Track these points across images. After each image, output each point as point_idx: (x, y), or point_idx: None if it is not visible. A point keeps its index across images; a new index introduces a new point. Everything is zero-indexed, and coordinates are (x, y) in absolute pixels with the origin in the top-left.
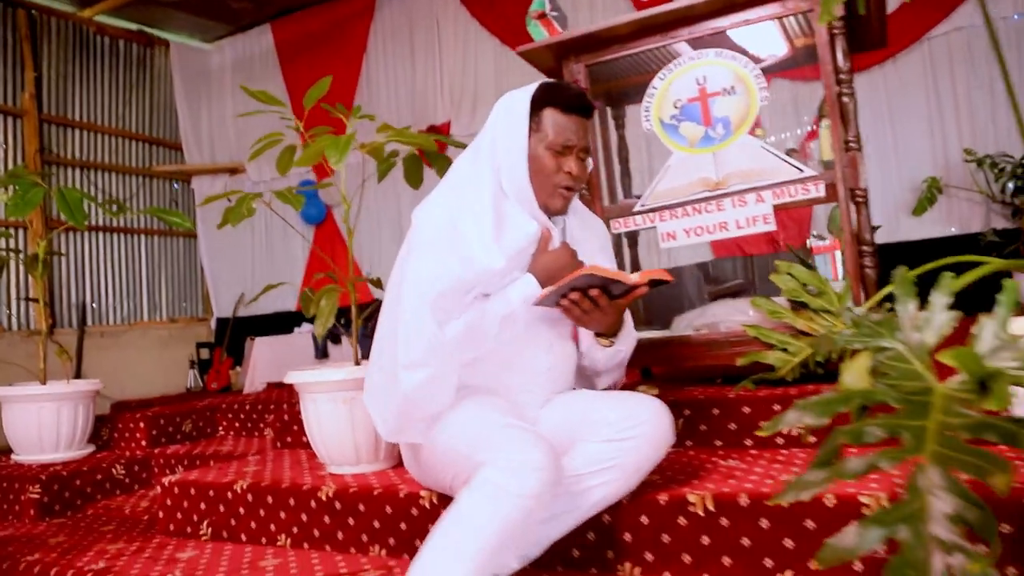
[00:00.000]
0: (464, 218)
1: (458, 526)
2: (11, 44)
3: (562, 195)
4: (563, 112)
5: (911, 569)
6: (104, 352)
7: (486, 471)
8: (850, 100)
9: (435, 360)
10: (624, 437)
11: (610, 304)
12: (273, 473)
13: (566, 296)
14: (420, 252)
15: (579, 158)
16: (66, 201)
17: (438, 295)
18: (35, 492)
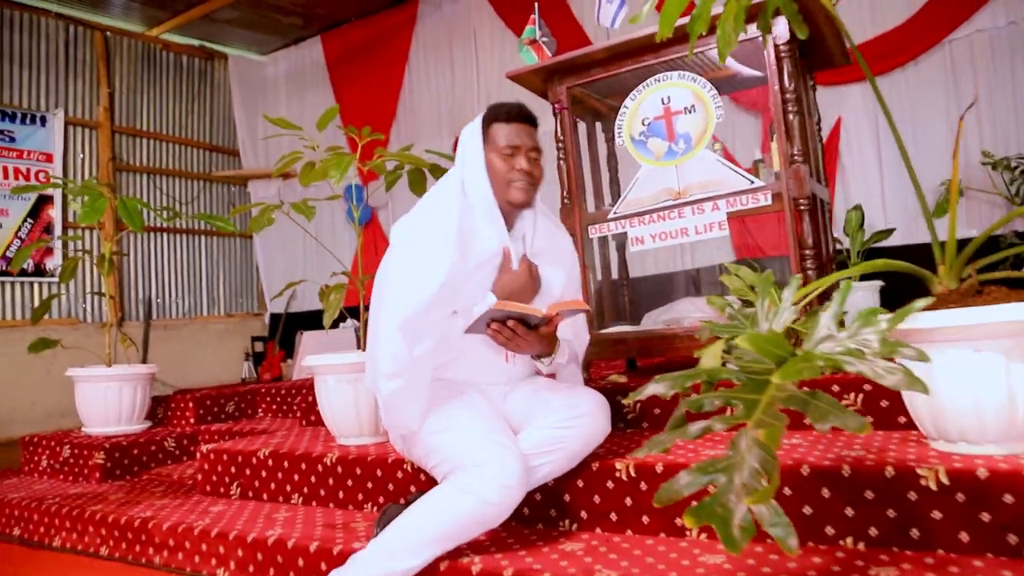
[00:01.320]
0: (430, 237)
1: (443, 512)
2: (89, 63)
3: (517, 187)
4: (506, 122)
5: (719, 506)
6: (167, 344)
7: (468, 476)
8: (795, 117)
9: (407, 374)
10: (568, 425)
11: (529, 332)
12: (291, 444)
13: (489, 325)
14: (394, 273)
15: (529, 157)
16: (127, 209)
17: (405, 320)
18: (100, 458)
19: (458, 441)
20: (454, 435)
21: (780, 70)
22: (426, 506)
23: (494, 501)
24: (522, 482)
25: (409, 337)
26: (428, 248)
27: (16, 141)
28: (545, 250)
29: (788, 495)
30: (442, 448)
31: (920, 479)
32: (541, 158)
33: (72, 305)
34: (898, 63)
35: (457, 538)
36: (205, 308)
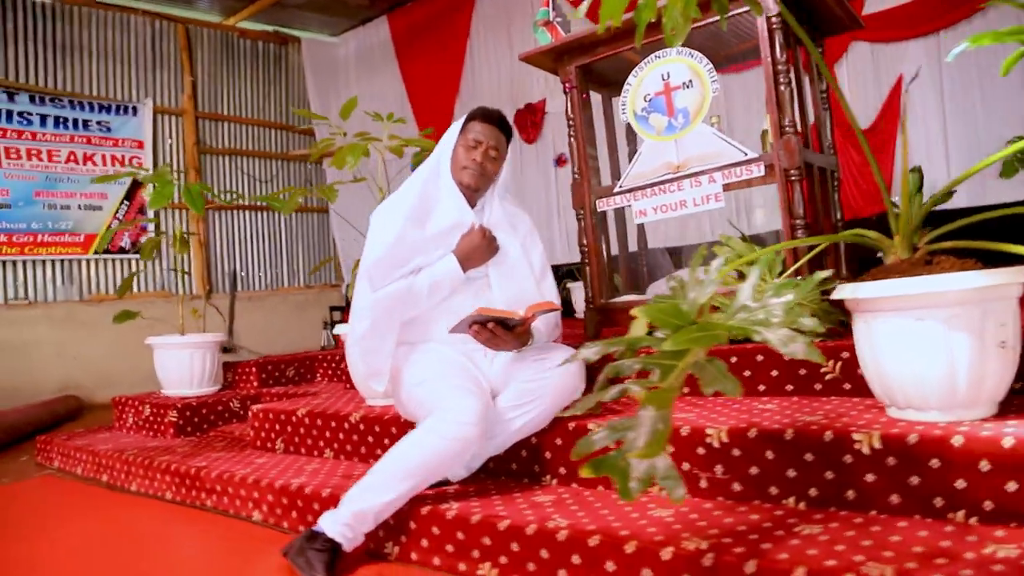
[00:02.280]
0: (390, 209)
1: (411, 450)
2: (173, 54)
3: (466, 172)
4: (480, 121)
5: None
6: (251, 314)
7: (433, 418)
8: (786, 89)
9: (372, 314)
10: (538, 378)
11: (508, 333)
12: (327, 405)
13: (471, 327)
14: (368, 239)
15: (487, 154)
16: (190, 194)
17: (370, 267)
18: (173, 416)
19: (430, 391)
20: (428, 386)
21: (771, 41)
22: (400, 447)
23: (452, 436)
24: (479, 422)
25: (372, 283)
26: (386, 218)
27: (112, 131)
28: (501, 222)
29: (737, 456)
30: (421, 400)
31: (855, 443)
32: (501, 161)
33: (165, 279)
34: (963, 15)
35: (426, 472)
36: (286, 280)
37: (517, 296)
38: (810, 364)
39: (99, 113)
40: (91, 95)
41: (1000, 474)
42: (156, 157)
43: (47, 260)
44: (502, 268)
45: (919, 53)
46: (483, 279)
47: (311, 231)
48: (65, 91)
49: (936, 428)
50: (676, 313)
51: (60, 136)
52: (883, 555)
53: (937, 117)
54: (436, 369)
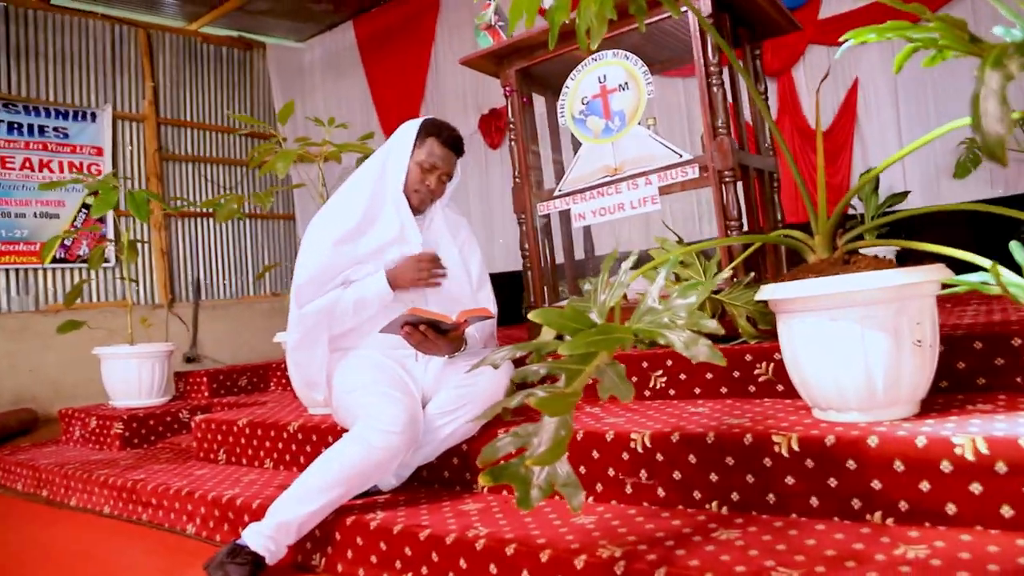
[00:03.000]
0: (336, 223)
1: (335, 459)
2: (134, 60)
3: (417, 196)
4: (440, 143)
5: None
6: (216, 323)
7: (360, 427)
8: (719, 90)
9: (300, 329)
10: (467, 383)
11: (440, 337)
12: (269, 414)
13: (402, 327)
14: (301, 250)
15: (440, 179)
16: (134, 200)
17: (301, 285)
18: (119, 428)
19: (359, 398)
20: (357, 394)
21: (703, 43)
22: (325, 457)
23: (378, 445)
24: (405, 431)
25: (299, 300)
26: (322, 233)
27: (70, 137)
28: (442, 230)
29: (660, 460)
30: (350, 407)
31: (774, 446)
32: (448, 183)
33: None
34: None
35: (351, 482)
36: (251, 288)
37: (452, 304)
38: (744, 366)
39: (56, 119)
40: (48, 100)
41: (914, 474)
42: (116, 164)
43: (0, 269)
44: (442, 287)
45: (873, 57)
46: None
47: (277, 238)
48: (20, 96)
49: (855, 429)
50: (577, 317)
51: (14, 142)
52: (795, 559)
53: (892, 120)
54: (367, 376)
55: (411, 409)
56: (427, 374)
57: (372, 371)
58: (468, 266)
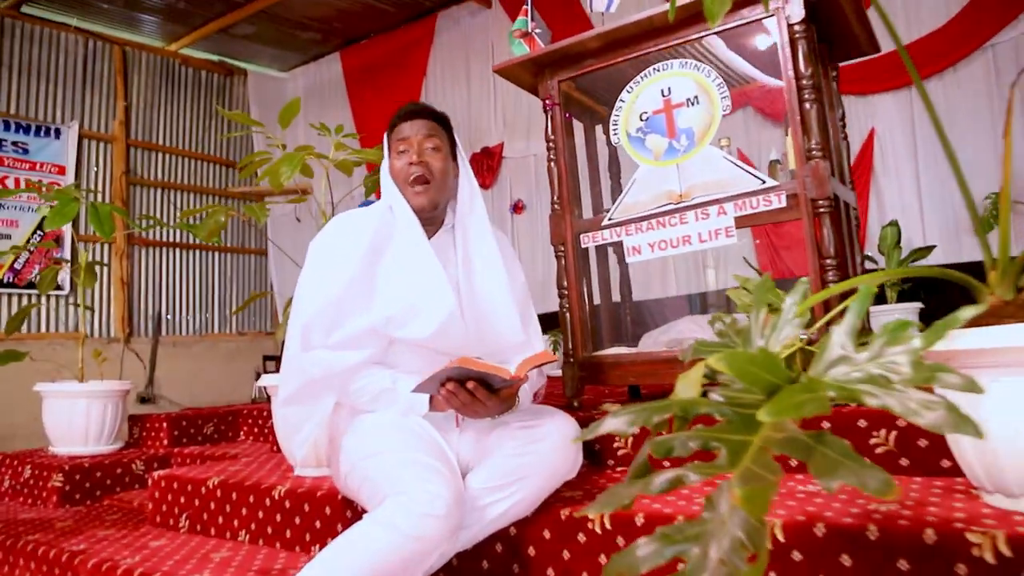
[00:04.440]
0: (351, 232)
1: (350, 551)
2: (107, 77)
3: (413, 190)
4: (400, 122)
5: None
6: (176, 361)
7: (389, 508)
8: (812, 107)
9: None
10: (523, 452)
11: (491, 397)
12: (246, 473)
13: (444, 385)
14: (305, 275)
15: (422, 148)
16: (97, 214)
17: (308, 320)
18: (58, 481)
19: (383, 467)
20: (378, 460)
21: (794, 52)
22: (344, 543)
23: (414, 534)
24: (452, 513)
25: (307, 341)
26: (334, 250)
27: (29, 153)
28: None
29: (798, 561)
30: (370, 477)
31: (972, 547)
32: (444, 153)
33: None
34: (935, 70)
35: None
36: (216, 326)
37: (498, 345)
38: (856, 433)
39: (15, 133)
40: (7, 112)
41: None
42: (80, 185)
43: None
44: (481, 308)
45: (890, 107)
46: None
47: (247, 274)
48: None
49: None
50: (771, 365)
51: None
52: None
53: (910, 173)
54: (391, 438)
55: (454, 485)
56: (464, 437)
57: (398, 431)
58: (516, 295)
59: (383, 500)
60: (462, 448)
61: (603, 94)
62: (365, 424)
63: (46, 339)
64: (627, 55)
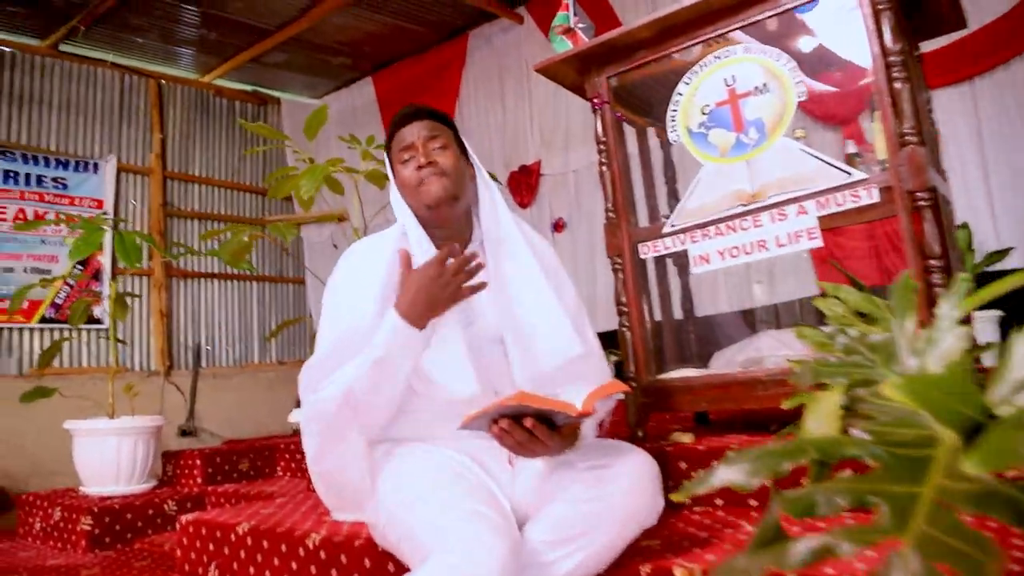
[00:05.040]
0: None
1: None
2: (143, 111)
3: (426, 185)
4: (398, 128)
5: None
6: (217, 393)
7: (433, 566)
8: (904, 85)
9: (318, 426)
10: (594, 498)
11: (552, 435)
12: (279, 517)
13: (497, 423)
14: (327, 301)
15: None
16: (123, 243)
17: (310, 366)
18: (87, 524)
19: (422, 516)
20: (417, 509)
21: (879, 25)
22: None
23: None
24: (507, 569)
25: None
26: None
27: (68, 188)
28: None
29: None
30: (410, 530)
31: None
32: (452, 150)
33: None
34: (1002, 59)
35: None
36: (256, 355)
37: (551, 367)
38: None
39: (55, 168)
40: (47, 149)
41: None
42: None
43: None
44: (525, 331)
45: (952, 102)
46: (494, 343)
47: (285, 303)
48: (19, 144)
49: None
50: (964, 390)
51: (9, 192)
52: None
53: (978, 173)
54: (431, 480)
55: (509, 536)
56: (519, 478)
57: (439, 471)
58: (565, 303)
59: (426, 558)
60: (516, 490)
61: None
62: (399, 463)
63: (86, 373)
64: (683, 43)
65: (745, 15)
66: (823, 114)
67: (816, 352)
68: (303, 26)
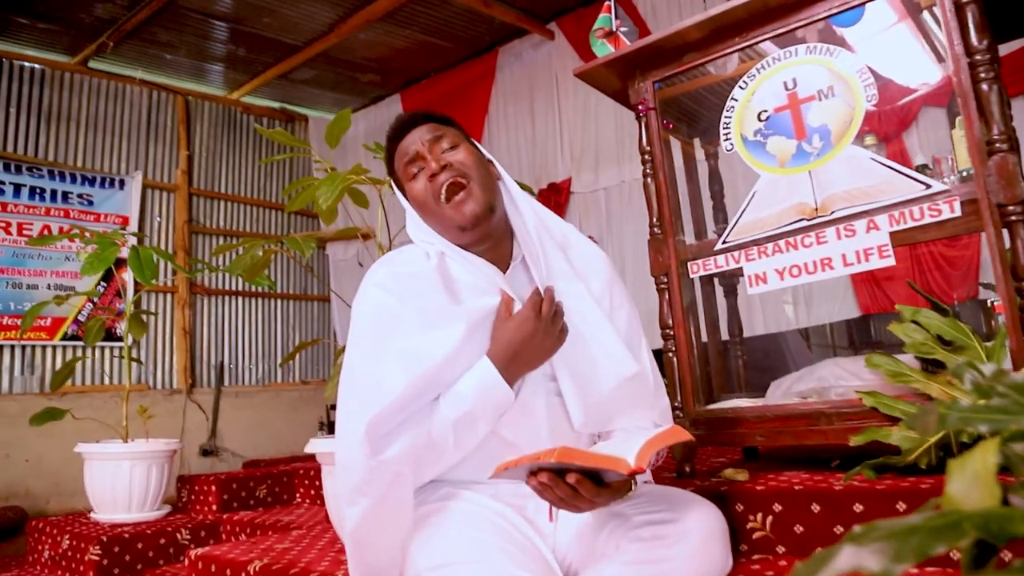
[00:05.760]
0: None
1: None
2: (170, 127)
3: (451, 206)
4: (396, 142)
5: None
6: (239, 412)
7: None
8: (991, 87)
9: (373, 489)
10: (659, 559)
11: (600, 492)
12: (296, 554)
13: (536, 475)
14: (352, 349)
15: (438, 154)
16: (139, 259)
17: (374, 417)
18: (95, 554)
19: None
20: (453, 570)
21: (961, 20)
22: None
23: None
24: None
25: (380, 442)
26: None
27: (94, 204)
28: (562, 269)
29: None
30: None
31: None
32: (463, 148)
33: (142, 371)
34: None
35: None
36: (279, 375)
37: (606, 389)
38: None
39: (81, 185)
40: (74, 165)
41: None
42: (143, 235)
43: (4, 346)
44: (572, 353)
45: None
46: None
47: (310, 321)
48: (46, 160)
49: None
50: None
51: (35, 208)
52: None
53: None
54: (466, 539)
55: None
56: (563, 531)
57: (475, 529)
58: (618, 326)
59: None
60: (559, 543)
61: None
62: (430, 521)
63: (107, 392)
64: (737, 45)
65: (805, 14)
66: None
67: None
68: (331, 41)
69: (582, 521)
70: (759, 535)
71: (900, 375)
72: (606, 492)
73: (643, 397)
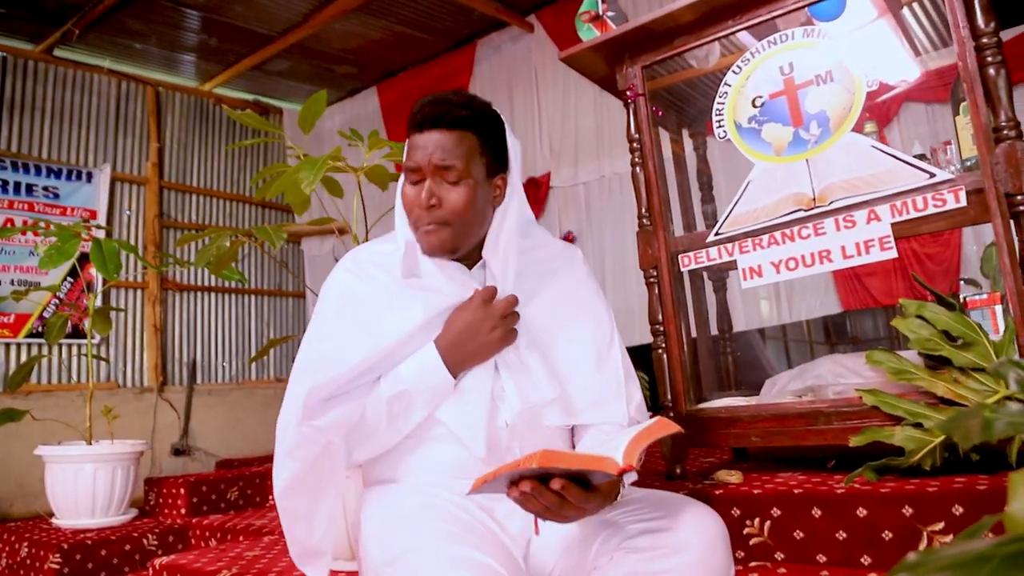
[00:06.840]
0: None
1: None
2: (139, 119)
3: (421, 232)
4: (415, 131)
5: None
6: (212, 410)
7: None
8: (998, 71)
9: (302, 453)
10: (659, 571)
11: (589, 497)
12: (267, 562)
13: (517, 484)
14: (311, 325)
15: (434, 178)
16: (101, 252)
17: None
18: (55, 562)
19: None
20: (408, 563)
21: (968, 3)
22: None
23: None
24: None
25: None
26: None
27: (60, 198)
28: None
29: None
30: None
31: None
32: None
33: (112, 369)
34: None
35: None
36: (253, 372)
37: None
38: None
39: (47, 177)
40: (39, 157)
41: None
42: (111, 228)
43: None
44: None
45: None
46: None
47: (284, 317)
48: (8, 151)
49: None
50: None
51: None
52: None
53: None
54: (424, 526)
55: None
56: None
57: (435, 518)
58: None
59: None
60: (541, 555)
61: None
62: (384, 511)
63: (74, 391)
64: (731, 28)
65: None
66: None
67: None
68: (306, 32)
69: (569, 533)
70: (757, 541)
71: (903, 372)
72: (595, 497)
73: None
